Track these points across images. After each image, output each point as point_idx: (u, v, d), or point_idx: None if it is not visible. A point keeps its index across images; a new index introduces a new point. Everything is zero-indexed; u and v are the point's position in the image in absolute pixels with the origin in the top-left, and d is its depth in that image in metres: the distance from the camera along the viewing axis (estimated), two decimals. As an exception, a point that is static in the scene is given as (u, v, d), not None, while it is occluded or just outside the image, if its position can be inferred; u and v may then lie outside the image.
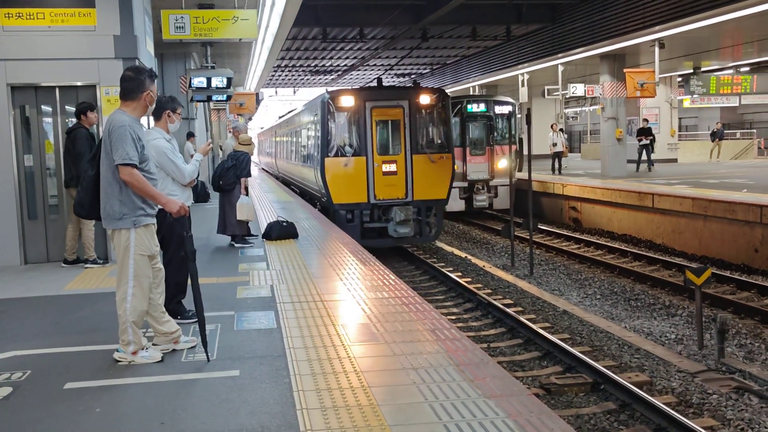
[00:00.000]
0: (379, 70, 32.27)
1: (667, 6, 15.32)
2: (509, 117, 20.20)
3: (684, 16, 14.89)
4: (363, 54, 27.42)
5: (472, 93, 31.00)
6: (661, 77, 21.76)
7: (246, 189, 10.06)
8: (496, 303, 10.48)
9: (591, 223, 18.59)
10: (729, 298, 10.88)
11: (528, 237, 14.33)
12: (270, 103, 56.88)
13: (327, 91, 14.96)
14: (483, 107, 19.91)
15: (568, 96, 28.29)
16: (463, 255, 15.33)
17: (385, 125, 14.62)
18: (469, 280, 12.59)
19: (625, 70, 20.60)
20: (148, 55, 9.92)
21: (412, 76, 33.98)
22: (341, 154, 14.41)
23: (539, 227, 18.25)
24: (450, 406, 3.89)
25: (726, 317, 8.34)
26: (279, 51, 21.45)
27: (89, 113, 8.43)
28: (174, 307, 5.71)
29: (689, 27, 15.64)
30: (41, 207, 9.04)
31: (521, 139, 22.69)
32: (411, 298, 6.53)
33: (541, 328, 9.22)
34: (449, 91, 22.42)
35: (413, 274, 13.54)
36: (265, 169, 37.32)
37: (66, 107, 9.03)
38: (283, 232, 10.50)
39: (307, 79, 36.47)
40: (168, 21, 11.40)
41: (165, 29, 11.45)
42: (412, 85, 18.06)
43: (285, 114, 27.05)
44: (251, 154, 10.60)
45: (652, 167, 23.88)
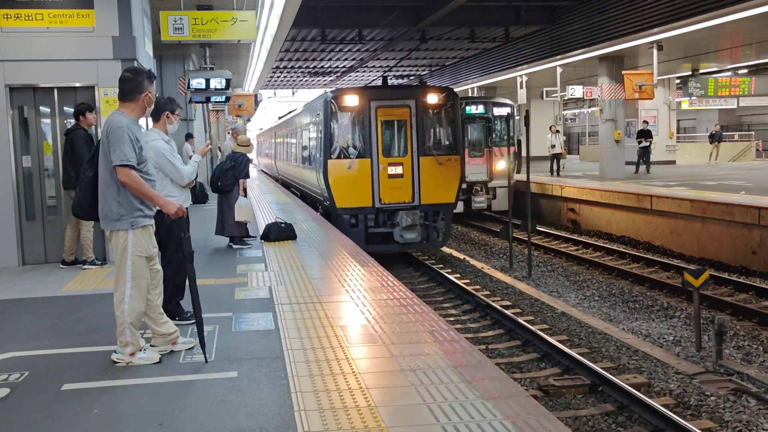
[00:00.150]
0: (378, 71, 32.28)
1: (666, 8, 15.34)
2: (508, 119, 20.21)
3: (682, 18, 14.92)
4: (362, 55, 27.44)
5: (470, 95, 31.03)
6: (660, 79, 21.81)
7: (244, 190, 10.06)
8: (494, 304, 10.48)
9: (589, 225, 18.61)
10: (727, 299, 10.89)
11: (526, 238, 14.34)
12: (269, 105, 56.91)
13: (330, 90, 14.41)
14: (481, 109, 19.92)
15: (566, 98, 28.35)
16: (462, 256, 15.34)
17: (391, 126, 14.03)
18: (468, 281, 12.59)
19: (624, 72, 20.63)
20: (146, 56, 9.92)
21: (411, 77, 34.00)
22: (345, 155, 13.85)
23: (538, 229, 18.25)
24: (448, 407, 3.89)
25: (724, 319, 8.36)
26: (278, 52, 21.45)
27: (88, 114, 8.42)
28: (172, 308, 5.70)
29: (688, 29, 15.67)
30: (39, 208, 9.03)
31: (520, 141, 22.70)
32: (409, 299, 6.53)
33: (540, 329, 9.22)
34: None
35: (412, 275, 13.54)
36: (264, 171, 37.06)
37: (64, 108, 9.03)
38: (282, 233, 10.49)
39: (306, 81, 36.49)
40: (167, 22, 11.40)
41: (164, 30, 11.45)
42: (418, 84, 17.41)
43: (285, 114, 26.39)
44: (250, 155, 10.60)
45: (649, 169, 23.90)
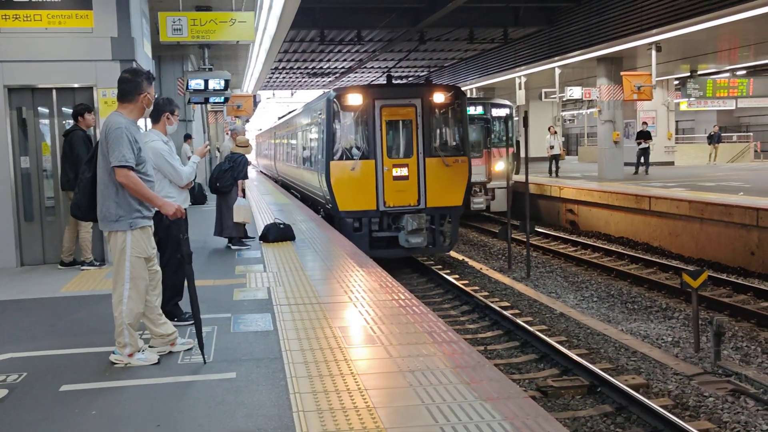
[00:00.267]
0: (377, 72, 32.29)
1: (664, 9, 15.35)
2: (506, 120, 20.22)
3: (681, 19, 14.93)
4: (361, 56, 27.45)
5: (469, 95, 31.04)
6: (658, 80, 21.83)
7: (243, 191, 10.06)
8: (493, 305, 10.49)
9: (588, 226, 18.62)
10: (725, 300, 10.90)
11: (525, 239, 14.35)
12: (267, 105, 56.88)
13: (332, 89, 13.84)
14: (480, 110, 19.92)
15: (565, 99, 28.35)
16: (460, 257, 15.34)
17: (396, 126, 13.52)
18: (466, 282, 12.59)
19: (622, 73, 20.65)
20: (145, 57, 9.92)
21: (409, 78, 34.02)
22: (348, 157, 13.36)
23: (536, 230, 18.25)
24: (447, 408, 3.89)
25: (722, 320, 8.36)
26: (276, 53, 21.44)
27: (86, 115, 8.42)
28: (170, 309, 5.70)
29: (686, 30, 15.68)
30: (38, 209, 9.02)
31: (518, 142, 22.72)
32: (408, 300, 6.53)
33: (538, 330, 9.22)
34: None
35: (410, 276, 13.54)
36: (264, 172, 36.87)
37: (63, 109, 9.02)
38: (280, 234, 10.49)
39: (305, 82, 36.48)
40: (165, 23, 11.39)
41: (162, 31, 11.45)
42: (424, 82, 16.91)
43: (286, 114, 25.83)
44: (248, 156, 10.60)
45: (648, 170, 23.92)
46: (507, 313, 9.99)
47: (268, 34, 17.55)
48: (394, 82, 15.72)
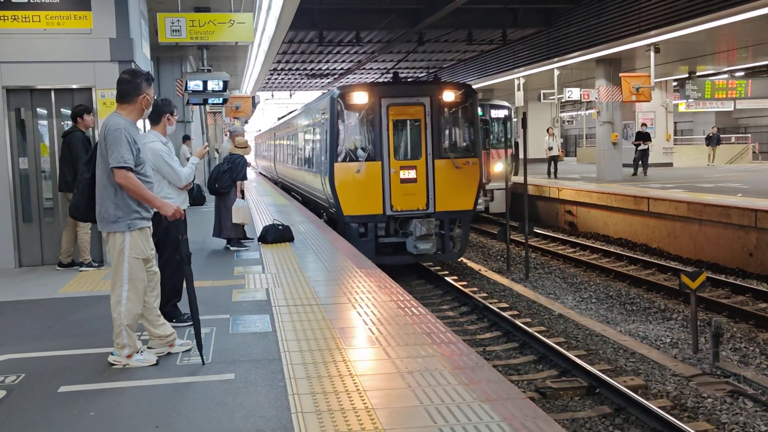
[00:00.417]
0: (376, 73, 32.32)
1: (663, 11, 15.38)
2: (505, 121, 20.23)
3: (679, 20, 14.95)
4: (359, 57, 27.47)
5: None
6: (657, 81, 21.83)
7: (242, 192, 10.06)
8: (491, 306, 10.49)
9: (587, 227, 18.62)
10: (724, 302, 10.91)
11: (524, 241, 14.35)
12: (266, 107, 56.88)
13: (336, 86, 13.24)
14: (479, 111, 19.91)
15: (563, 100, 28.35)
16: (459, 258, 15.33)
17: (404, 126, 12.89)
18: (465, 283, 12.59)
19: (621, 74, 20.68)
20: (144, 58, 9.91)
21: (408, 79, 34.04)
22: (353, 158, 12.71)
23: (535, 231, 18.25)
24: (445, 409, 3.89)
25: (721, 321, 8.36)
26: (275, 54, 21.45)
27: (85, 116, 8.41)
28: (169, 310, 5.70)
29: (684, 32, 15.70)
30: (36, 210, 9.01)
31: (517, 143, 22.74)
32: (407, 301, 6.53)
33: (537, 331, 9.22)
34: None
35: (409, 277, 13.53)
36: (263, 174, 36.70)
37: (61, 110, 9.02)
38: (279, 235, 10.49)
39: (304, 83, 36.51)
40: (164, 24, 11.38)
41: (161, 32, 11.44)
42: (433, 80, 16.30)
43: (286, 114, 25.19)
44: (247, 156, 10.59)
45: (646, 171, 23.93)
46: (506, 314, 10.00)
47: (266, 35, 17.55)
48: (401, 79, 15.02)
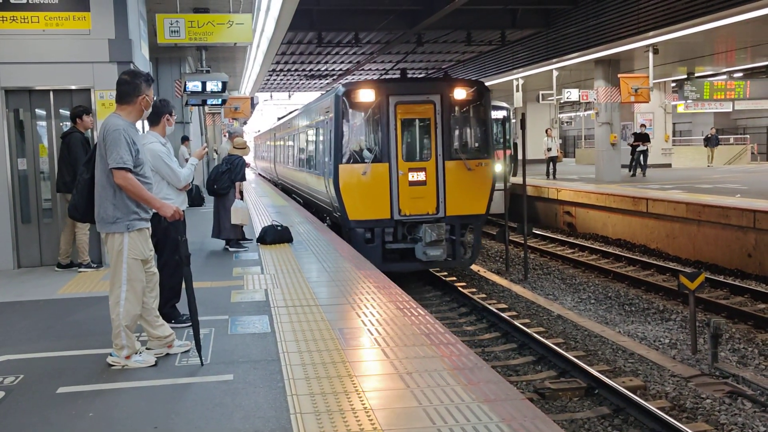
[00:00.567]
0: (375, 74, 32.32)
1: (661, 12, 15.40)
2: (504, 122, 20.20)
3: (678, 21, 14.97)
4: (358, 59, 27.48)
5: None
6: (655, 82, 21.85)
7: (241, 193, 10.06)
8: (490, 307, 10.49)
9: (585, 228, 18.63)
10: (722, 302, 10.92)
11: (522, 241, 14.35)
12: (265, 108, 56.91)
13: (341, 83, 12.74)
14: None
15: (562, 101, 28.39)
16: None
17: (412, 125, 12.23)
18: (464, 284, 12.60)
19: (620, 75, 20.70)
20: (143, 59, 9.91)
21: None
22: (358, 160, 12.06)
23: (534, 232, 18.30)
24: (444, 410, 3.89)
25: (719, 322, 8.37)
26: (274, 55, 21.46)
27: (84, 117, 8.40)
28: (168, 311, 5.69)
29: (683, 33, 15.72)
30: (35, 211, 9.00)
31: (516, 144, 22.74)
32: (406, 302, 6.53)
33: (536, 332, 9.22)
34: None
35: (408, 278, 13.51)
36: (262, 175, 36.14)
37: (60, 111, 9.01)
38: (278, 236, 10.49)
39: (303, 84, 36.52)
40: (163, 25, 11.38)
41: (160, 33, 11.44)
42: (444, 77, 15.64)
43: (288, 113, 24.41)
44: (246, 157, 10.59)
45: (645, 172, 23.95)
46: (505, 315, 10.00)
47: (265, 36, 17.56)
48: (409, 76, 14.30)
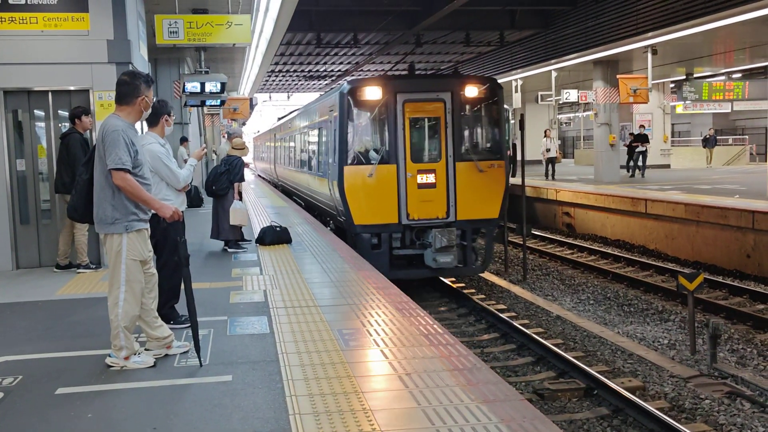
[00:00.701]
0: (374, 75, 32.34)
1: (660, 13, 15.42)
2: (503, 122, 20.21)
3: (676, 22, 14.99)
4: (357, 59, 27.50)
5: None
6: (654, 83, 21.90)
7: (239, 194, 10.06)
8: (489, 308, 10.49)
9: (584, 229, 18.64)
10: (721, 303, 10.92)
11: (521, 242, 14.36)
12: (264, 108, 56.93)
13: (347, 80, 12.21)
14: None
15: (561, 102, 28.41)
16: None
17: (421, 124, 11.68)
18: (463, 285, 12.60)
19: (618, 76, 20.71)
20: (141, 60, 9.91)
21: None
22: (364, 161, 11.47)
23: (533, 232, 18.32)
24: (443, 411, 3.88)
25: (718, 322, 8.37)
26: (273, 56, 21.48)
27: (83, 118, 8.40)
28: (167, 312, 5.69)
29: (682, 33, 15.75)
30: (33, 212, 9.00)
31: (515, 145, 22.75)
32: (405, 303, 6.53)
33: (535, 333, 9.23)
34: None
35: (408, 279, 13.49)
36: (262, 176, 35.63)
37: (59, 112, 9.01)
38: (277, 237, 10.48)
39: (301, 84, 36.54)
40: (162, 26, 11.37)
41: (158, 34, 11.44)
42: (454, 73, 14.88)
43: (288, 113, 23.82)
44: (245, 157, 10.58)
45: (644, 173, 23.97)
46: (504, 316, 10.00)
47: (264, 36, 17.57)
48: (417, 73, 13.59)
